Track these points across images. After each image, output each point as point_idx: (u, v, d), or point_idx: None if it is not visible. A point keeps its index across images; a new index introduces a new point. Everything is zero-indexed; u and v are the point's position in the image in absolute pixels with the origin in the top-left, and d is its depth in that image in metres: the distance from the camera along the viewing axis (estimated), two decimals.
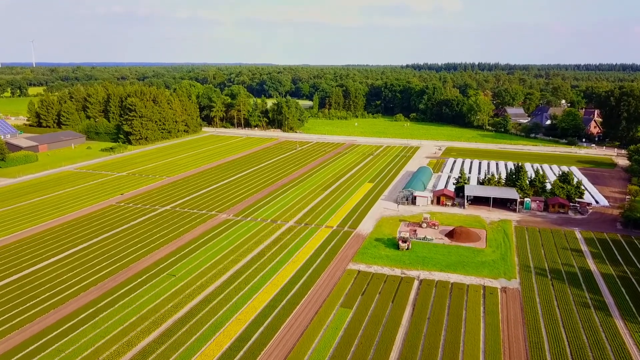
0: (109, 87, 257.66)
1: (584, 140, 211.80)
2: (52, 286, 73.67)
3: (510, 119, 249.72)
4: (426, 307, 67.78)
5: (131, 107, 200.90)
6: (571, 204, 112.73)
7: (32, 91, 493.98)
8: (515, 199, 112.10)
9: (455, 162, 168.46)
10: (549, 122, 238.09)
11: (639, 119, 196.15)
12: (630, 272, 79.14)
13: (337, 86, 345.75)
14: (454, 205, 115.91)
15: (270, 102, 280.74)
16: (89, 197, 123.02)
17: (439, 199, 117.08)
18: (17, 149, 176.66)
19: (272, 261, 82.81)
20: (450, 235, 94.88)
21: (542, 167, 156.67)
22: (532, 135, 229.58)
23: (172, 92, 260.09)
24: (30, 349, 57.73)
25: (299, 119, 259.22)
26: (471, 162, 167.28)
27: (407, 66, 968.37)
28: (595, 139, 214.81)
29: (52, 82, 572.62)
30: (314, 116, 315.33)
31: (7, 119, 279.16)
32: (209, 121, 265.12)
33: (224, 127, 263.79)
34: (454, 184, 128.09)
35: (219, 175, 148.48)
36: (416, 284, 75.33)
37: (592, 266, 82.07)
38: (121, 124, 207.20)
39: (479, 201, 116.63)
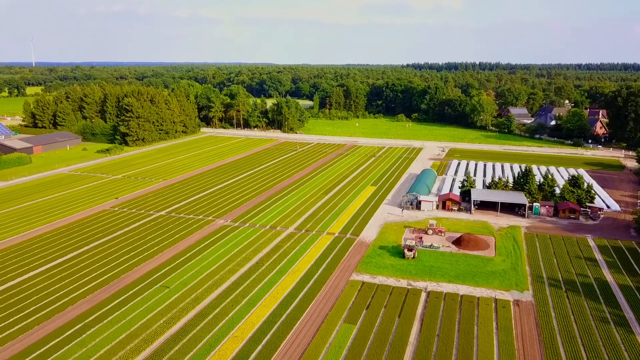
0: (106, 87, 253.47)
1: (590, 141, 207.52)
2: (37, 299, 69.52)
3: (514, 119, 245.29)
4: (435, 322, 63.69)
5: (128, 107, 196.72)
6: (582, 209, 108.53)
7: (29, 91, 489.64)
8: (524, 204, 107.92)
9: (459, 164, 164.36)
10: (553, 122, 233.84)
11: None
12: None
13: (337, 86, 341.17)
14: (460, 210, 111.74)
15: (270, 102, 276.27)
16: (82, 201, 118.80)
17: (444, 203, 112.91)
18: (10, 150, 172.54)
19: (271, 271, 78.70)
20: (457, 242, 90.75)
21: (549, 170, 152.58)
22: (537, 136, 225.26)
23: (170, 92, 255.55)
24: None
25: (299, 120, 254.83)
26: (476, 164, 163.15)
27: (407, 66, 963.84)
28: (601, 140, 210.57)
29: (50, 81, 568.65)
30: (315, 116, 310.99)
31: (3, 120, 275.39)
32: (207, 122, 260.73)
33: (223, 128, 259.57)
34: (459, 187, 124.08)
35: (217, 177, 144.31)
36: (424, 296, 71.23)
37: (609, 277, 77.93)
38: (118, 124, 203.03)
39: (485, 206, 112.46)
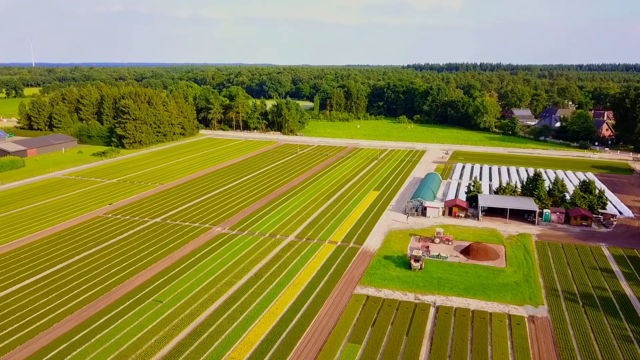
0: (103, 88, 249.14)
1: (596, 143, 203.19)
2: (22, 315, 65.24)
3: (518, 121, 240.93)
4: (446, 341, 59.45)
5: (125, 109, 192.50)
6: (594, 216, 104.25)
7: (28, 92, 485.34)
8: (533, 211, 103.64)
9: (464, 167, 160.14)
10: (558, 124, 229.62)
11: None
12: None
13: (338, 87, 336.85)
14: (467, 216, 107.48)
15: (269, 104, 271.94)
16: (74, 207, 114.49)
17: (450, 209, 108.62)
18: (3, 153, 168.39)
19: (270, 284, 74.46)
20: (466, 252, 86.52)
21: (556, 173, 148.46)
22: (542, 138, 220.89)
23: (169, 94, 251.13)
24: None
25: (300, 121, 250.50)
26: (481, 168, 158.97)
27: (408, 66, 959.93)
28: (608, 142, 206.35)
29: (49, 82, 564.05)
30: (315, 118, 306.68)
31: None
32: (206, 123, 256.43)
33: (222, 130, 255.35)
34: (465, 192, 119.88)
35: (215, 182, 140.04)
36: (432, 311, 66.99)
37: (627, 289, 73.70)
38: (114, 126, 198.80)
39: (493, 212, 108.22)
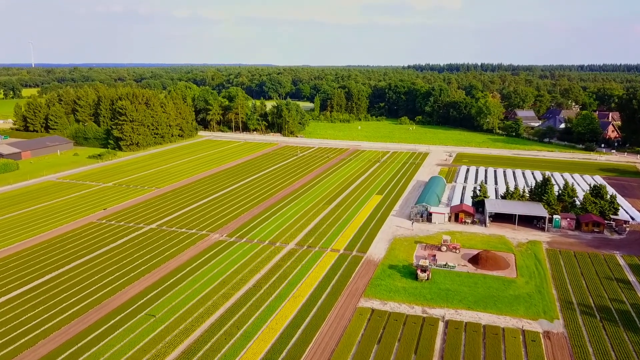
0: (100, 89, 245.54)
1: (602, 145, 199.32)
2: (6, 331, 61.45)
3: (521, 122, 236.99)
4: None
5: (122, 110, 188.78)
6: (606, 222, 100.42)
7: (26, 93, 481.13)
8: (543, 217, 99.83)
9: (468, 170, 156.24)
10: (562, 125, 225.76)
11: None
12: None
13: (338, 87, 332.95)
14: (474, 222, 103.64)
15: (269, 105, 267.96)
16: (67, 212, 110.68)
17: (457, 215, 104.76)
18: None
19: (270, 295, 70.68)
20: (474, 261, 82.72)
21: (563, 176, 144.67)
22: (546, 139, 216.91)
23: (167, 95, 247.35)
24: None
25: (300, 123, 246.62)
26: (485, 170, 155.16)
27: (408, 67, 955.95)
28: (614, 144, 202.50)
29: (48, 83, 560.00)
30: (316, 119, 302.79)
31: None
32: (205, 125, 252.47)
33: (221, 131, 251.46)
34: (472, 197, 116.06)
35: (213, 186, 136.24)
36: (441, 326, 63.21)
37: None
38: (111, 128, 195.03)
39: (501, 218, 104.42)
